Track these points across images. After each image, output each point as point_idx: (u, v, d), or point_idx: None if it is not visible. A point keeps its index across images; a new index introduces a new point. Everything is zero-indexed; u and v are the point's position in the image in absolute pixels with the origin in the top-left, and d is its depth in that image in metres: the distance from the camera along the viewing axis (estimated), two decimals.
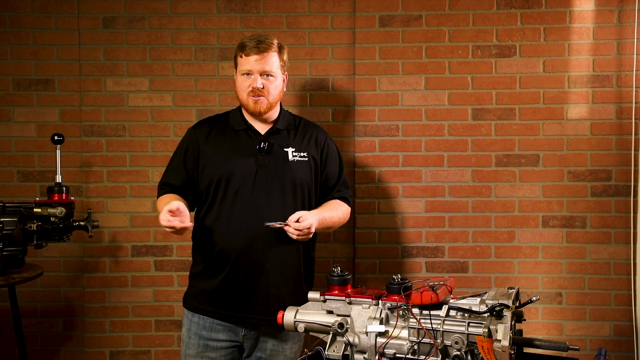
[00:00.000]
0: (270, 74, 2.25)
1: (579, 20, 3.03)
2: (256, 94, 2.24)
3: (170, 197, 2.26)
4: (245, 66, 2.24)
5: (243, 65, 2.25)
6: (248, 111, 2.30)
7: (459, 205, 3.09)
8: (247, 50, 2.23)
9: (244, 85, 2.26)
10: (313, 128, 2.43)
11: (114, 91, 3.12)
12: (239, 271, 2.22)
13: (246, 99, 2.26)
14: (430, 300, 1.58)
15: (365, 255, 3.12)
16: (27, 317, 3.07)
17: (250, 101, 2.26)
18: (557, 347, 1.57)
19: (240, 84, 2.27)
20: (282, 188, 2.26)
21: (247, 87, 2.25)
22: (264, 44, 2.23)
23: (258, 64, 2.23)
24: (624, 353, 3.06)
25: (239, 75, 2.28)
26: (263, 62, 2.23)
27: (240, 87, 2.28)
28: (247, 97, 2.26)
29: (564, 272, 3.08)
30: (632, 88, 3.02)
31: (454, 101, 3.08)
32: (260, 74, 2.24)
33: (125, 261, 3.14)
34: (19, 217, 2.52)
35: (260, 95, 2.24)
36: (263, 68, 2.24)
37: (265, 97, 2.25)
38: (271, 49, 2.25)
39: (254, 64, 2.23)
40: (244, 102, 2.29)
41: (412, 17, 3.07)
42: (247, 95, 2.26)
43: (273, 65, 2.26)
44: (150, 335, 3.15)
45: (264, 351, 2.30)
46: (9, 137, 3.12)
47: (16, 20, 3.09)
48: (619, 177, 3.04)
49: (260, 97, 2.25)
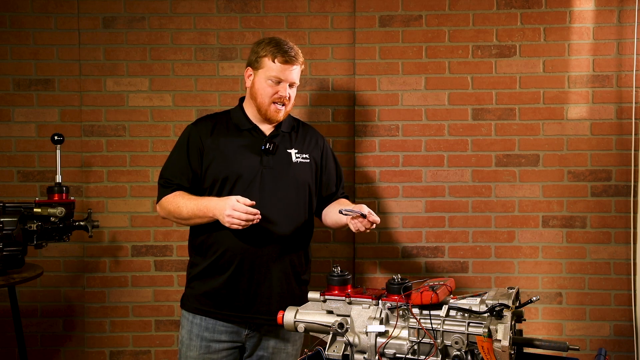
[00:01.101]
0: (294, 84, 2.28)
1: (579, 20, 3.03)
2: (281, 103, 2.25)
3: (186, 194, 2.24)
4: (278, 73, 2.22)
5: (274, 71, 2.22)
6: (265, 117, 2.28)
7: (459, 205, 3.09)
8: (285, 58, 2.22)
9: (269, 91, 2.24)
10: (311, 131, 2.44)
11: (114, 91, 3.12)
12: (245, 272, 2.22)
13: (268, 105, 2.25)
14: (430, 300, 1.58)
15: (365, 255, 3.12)
16: (27, 317, 3.07)
17: (272, 108, 2.25)
18: (557, 347, 1.57)
19: (265, 89, 2.24)
20: (287, 189, 2.26)
21: (272, 93, 2.24)
22: (299, 55, 2.26)
23: (291, 74, 2.24)
24: (624, 353, 3.06)
25: (263, 78, 2.24)
26: (295, 73, 2.26)
27: (264, 91, 2.24)
28: (269, 103, 2.25)
29: (564, 272, 3.08)
30: (632, 88, 3.02)
31: (454, 101, 3.08)
32: (289, 83, 2.25)
33: (125, 261, 3.14)
34: (19, 217, 2.52)
35: (284, 104, 2.26)
36: (293, 79, 2.26)
37: (286, 106, 2.27)
38: (300, 60, 2.27)
39: (288, 73, 2.23)
40: (264, 108, 2.26)
41: (412, 17, 3.07)
42: (270, 102, 2.25)
43: (298, 77, 2.29)
44: (150, 335, 3.15)
45: (266, 349, 2.30)
46: (9, 137, 3.12)
47: (16, 20, 3.10)
48: (619, 177, 3.04)
49: (283, 107, 2.26)
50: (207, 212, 2.15)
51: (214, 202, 2.14)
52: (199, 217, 2.19)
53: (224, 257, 2.22)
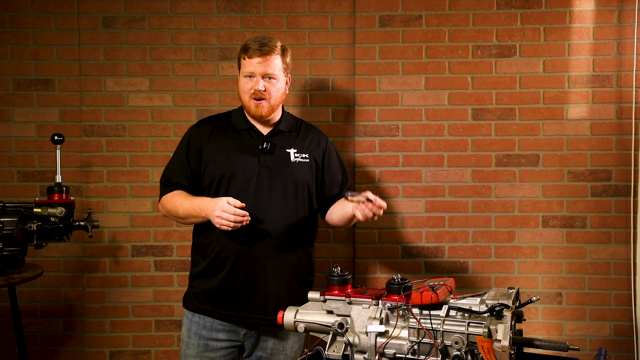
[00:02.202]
0: (272, 76, 2.25)
1: (579, 20, 3.03)
2: (258, 97, 2.24)
3: (184, 194, 2.27)
4: (248, 68, 2.24)
5: (246, 67, 2.25)
6: (249, 114, 2.30)
7: (459, 205, 3.09)
8: (250, 53, 2.23)
9: (246, 88, 2.25)
10: (314, 131, 2.44)
11: (114, 91, 3.12)
12: (240, 270, 2.22)
13: (248, 101, 2.26)
14: (430, 300, 1.58)
15: (365, 255, 3.12)
16: (27, 317, 3.07)
17: (251, 104, 2.26)
18: (557, 347, 1.57)
19: (243, 86, 2.27)
20: (284, 188, 2.26)
21: (249, 89, 2.25)
22: (267, 46, 2.23)
23: (260, 67, 2.23)
24: (624, 353, 3.06)
25: (241, 77, 2.28)
26: (266, 65, 2.23)
27: (242, 88, 2.27)
28: (248, 99, 2.26)
29: (564, 272, 3.08)
30: (632, 88, 3.02)
31: (454, 101, 3.08)
32: (262, 76, 2.23)
33: (125, 261, 3.14)
34: (19, 217, 2.52)
35: (261, 98, 2.24)
36: (265, 71, 2.23)
37: (266, 100, 2.25)
38: (274, 52, 2.24)
39: (256, 66, 2.23)
40: (245, 105, 2.29)
41: (412, 17, 3.07)
42: (249, 98, 2.25)
43: (275, 68, 2.25)
44: (150, 335, 3.15)
45: (264, 350, 2.30)
46: (9, 137, 3.12)
47: (16, 20, 3.09)
48: (619, 177, 3.04)
49: (262, 101, 2.25)
50: (200, 212, 2.18)
51: (206, 203, 2.17)
52: (193, 217, 2.23)
53: (219, 256, 2.24)
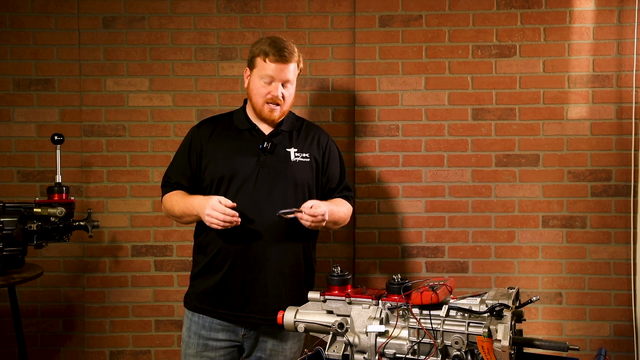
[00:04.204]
0: (289, 82, 2.25)
1: (579, 20, 3.03)
2: (274, 103, 2.24)
3: (181, 193, 2.29)
4: (267, 72, 2.21)
5: (264, 70, 2.21)
6: (261, 117, 2.29)
7: (459, 205, 3.09)
8: (270, 56, 2.20)
9: (262, 91, 2.23)
10: (315, 130, 2.43)
11: (114, 91, 3.12)
12: (238, 270, 2.22)
13: (262, 104, 2.25)
14: (430, 300, 1.58)
15: (365, 255, 3.12)
16: (27, 317, 3.07)
17: (265, 108, 2.25)
18: (557, 347, 1.57)
19: (259, 89, 2.24)
20: (284, 188, 2.26)
21: (265, 93, 2.23)
22: (290, 53, 2.21)
23: (281, 73, 2.21)
24: (624, 353, 3.06)
25: (256, 78, 2.24)
26: (286, 71, 2.22)
27: (257, 91, 2.25)
28: (262, 103, 2.24)
29: (564, 272, 3.08)
30: (632, 88, 3.02)
31: (454, 101, 3.08)
32: (281, 82, 2.23)
33: (125, 261, 3.14)
34: (19, 217, 2.52)
35: (277, 104, 2.24)
36: (286, 77, 2.22)
37: (281, 105, 2.25)
38: (294, 58, 2.23)
39: (277, 72, 2.21)
40: (258, 108, 2.27)
41: (412, 17, 3.07)
42: (264, 102, 2.24)
43: (293, 74, 2.25)
44: (150, 335, 3.15)
45: (263, 351, 2.30)
46: (9, 137, 3.12)
47: (16, 20, 3.09)
48: (619, 177, 3.04)
49: (277, 106, 2.25)
50: (192, 210, 2.20)
51: (198, 201, 2.18)
52: (188, 215, 2.24)
53: (219, 255, 2.24)
